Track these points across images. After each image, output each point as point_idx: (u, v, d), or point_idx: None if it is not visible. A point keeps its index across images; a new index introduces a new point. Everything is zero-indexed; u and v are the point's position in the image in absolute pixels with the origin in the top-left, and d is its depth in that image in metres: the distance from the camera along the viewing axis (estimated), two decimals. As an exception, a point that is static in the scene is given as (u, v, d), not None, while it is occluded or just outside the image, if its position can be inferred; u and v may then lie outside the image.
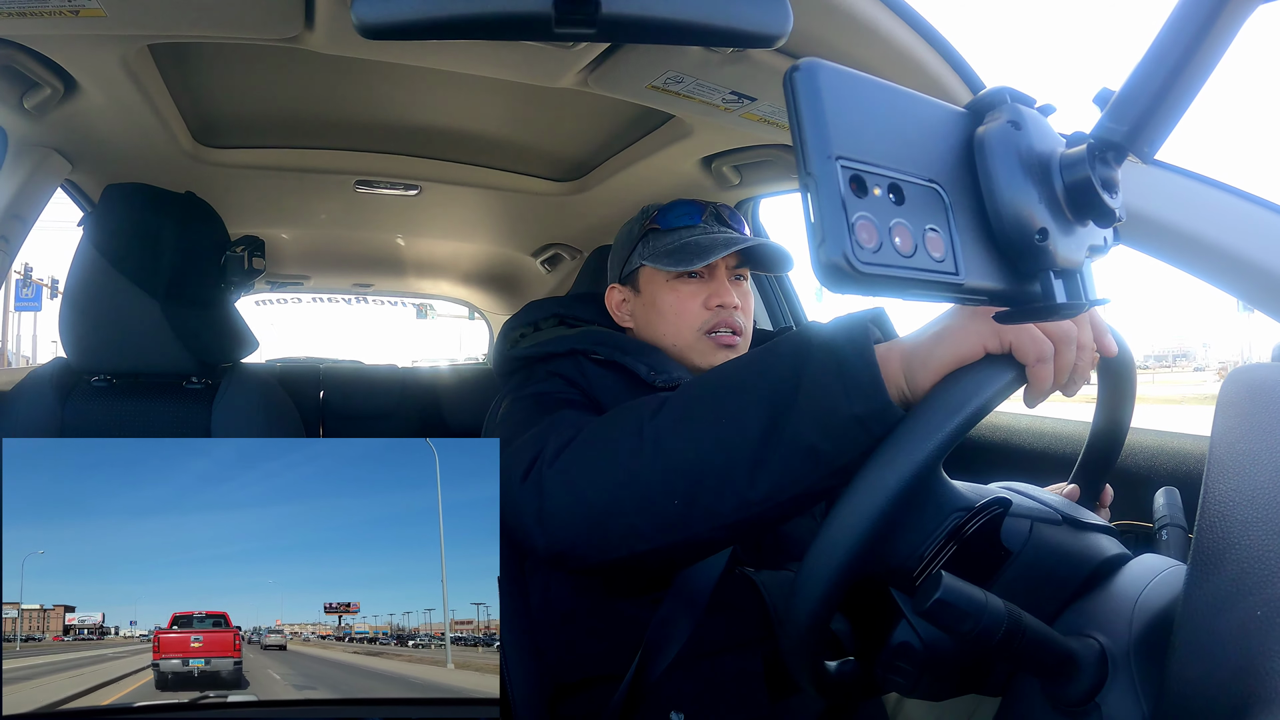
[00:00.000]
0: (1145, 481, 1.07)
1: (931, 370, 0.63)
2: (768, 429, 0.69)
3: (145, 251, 1.41)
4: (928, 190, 0.44)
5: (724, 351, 1.21)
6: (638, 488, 0.77)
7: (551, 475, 0.84)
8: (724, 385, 0.76)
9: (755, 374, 0.73)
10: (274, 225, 2.27)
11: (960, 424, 0.58)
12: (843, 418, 0.64)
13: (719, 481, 0.72)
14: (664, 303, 1.24)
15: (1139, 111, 0.45)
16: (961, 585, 0.53)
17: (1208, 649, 0.48)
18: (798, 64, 0.41)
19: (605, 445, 0.82)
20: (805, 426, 0.67)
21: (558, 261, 2.51)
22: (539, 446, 0.89)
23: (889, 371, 0.65)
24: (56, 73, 1.19)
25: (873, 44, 0.96)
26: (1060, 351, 0.61)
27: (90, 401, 1.42)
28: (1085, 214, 0.47)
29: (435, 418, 2.27)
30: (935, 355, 0.63)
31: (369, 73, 1.38)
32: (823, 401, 0.65)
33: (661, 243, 1.24)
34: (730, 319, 1.21)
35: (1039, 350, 0.60)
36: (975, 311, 0.62)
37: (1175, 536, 0.75)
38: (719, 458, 0.72)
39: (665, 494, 0.75)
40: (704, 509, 0.74)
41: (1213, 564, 0.49)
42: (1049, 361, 0.61)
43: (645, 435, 0.77)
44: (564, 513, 0.83)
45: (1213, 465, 0.53)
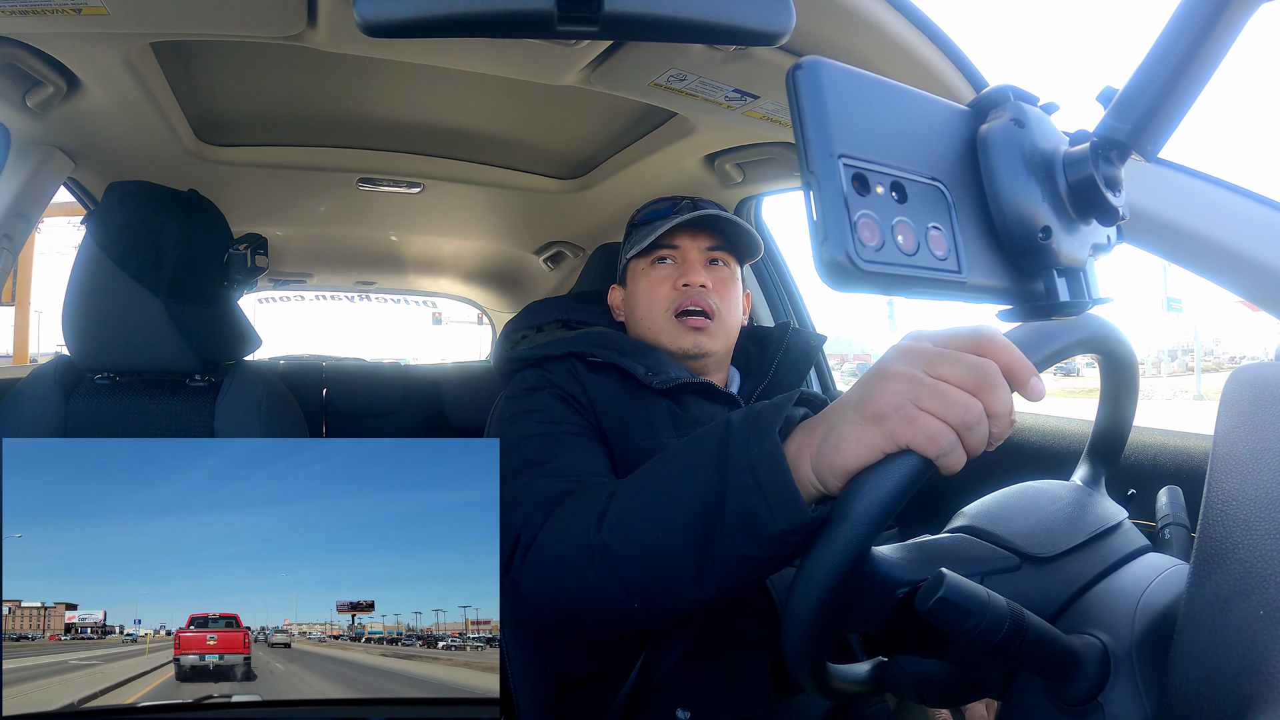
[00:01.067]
0: (1148, 480, 1.07)
1: (837, 476, 0.61)
2: (703, 541, 0.72)
3: (148, 249, 1.41)
4: (930, 188, 0.43)
5: (692, 334, 1.22)
6: (599, 596, 0.82)
7: (524, 577, 0.90)
8: (657, 495, 0.79)
9: (683, 484, 0.75)
10: (277, 223, 2.27)
11: (871, 526, 0.57)
12: (770, 532, 0.66)
13: (670, 586, 0.76)
14: (639, 289, 1.28)
15: (1142, 110, 0.45)
16: (964, 583, 0.53)
17: (1210, 648, 0.48)
18: (800, 62, 0.41)
19: (563, 555, 0.86)
20: (737, 539, 0.69)
21: (560, 259, 2.51)
22: (514, 536, 0.93)
23: (803, 475, 0.64)
24: (59, 71, 1.19)
25: (876, 42, 0.96)
26: (966, 435, 0.56)
27: (93, 399, 1.43)
28: (1088, 212, 0.47)
29: (438, 415, 2.27)
30: (836, 464, 0.60)
31: (371, 71, 1.38)
32: (748, 518, 0.67)
33: (638, 236, 1.28)
34: (698, 297, 1.22)
35: (938, 447, 0.55)
36: (867, 415, 0.59)
37: (1178, 535, 0.75)
38: (665, 568, 0.76)
39: (625, 600, 0.80)
40: (662, 606, 0.79)
41: (1215, 563, 0.49)
42: (953, 452, 0.56)
43: (595, 549, 0.81)
44: (543, 609, 0.89)
45: (1216, 464, 0.53)
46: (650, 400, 1.15)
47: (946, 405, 0.56)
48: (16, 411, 1.38)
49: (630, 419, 1.13)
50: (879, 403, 0.58)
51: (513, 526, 0.93)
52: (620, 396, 1.15)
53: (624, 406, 1.14)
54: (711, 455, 0.72)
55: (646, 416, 1.14)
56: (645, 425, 1.13)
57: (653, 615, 0.81)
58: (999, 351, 0.57)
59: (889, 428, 0.57)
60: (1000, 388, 0.56)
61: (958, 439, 0.56)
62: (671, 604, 0.78)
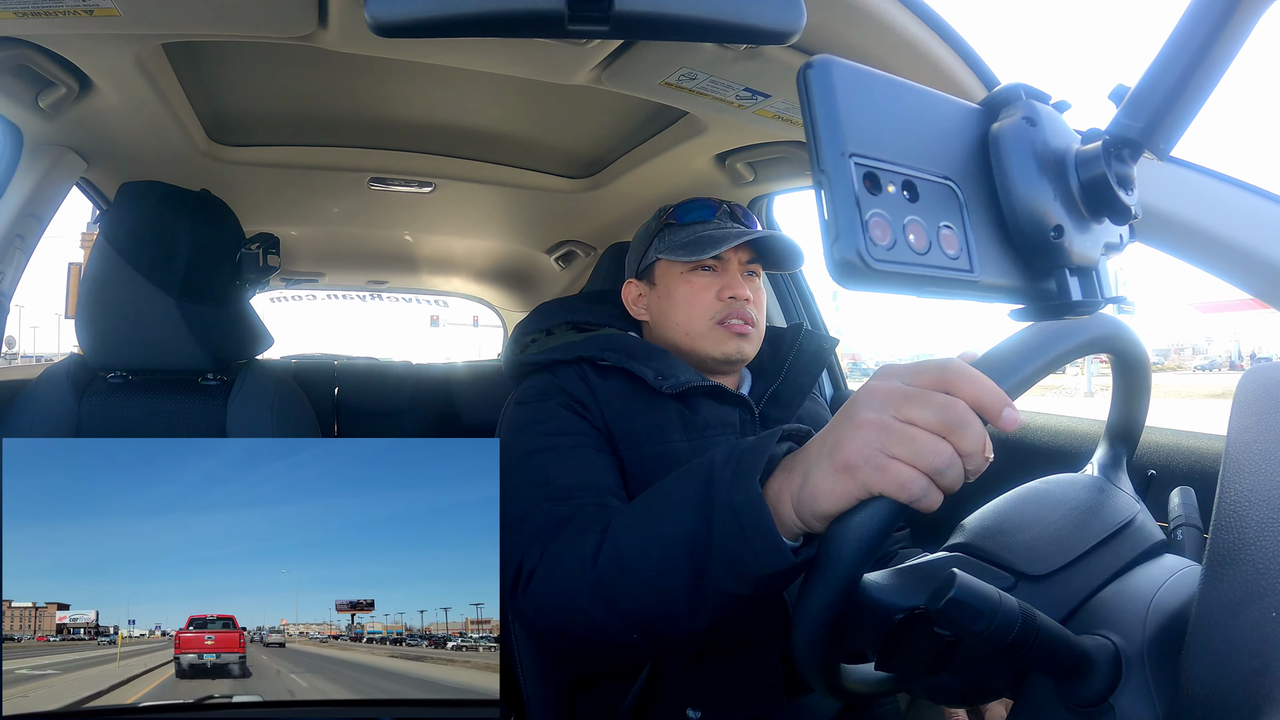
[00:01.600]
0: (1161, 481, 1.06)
1: (818, 520, 0.62)
2: (693, 581, 0.74)
3: (160, 249, 1.42)
4: (942, 187, 0.43)
5: (736, 340, 1.22)
6: (598, 629, 0.84)
7: (526, 606, 0.92)
8: (649, 534, 0.81)
9: (672, 524, 0.77)
10: (288, 222, 2.28)
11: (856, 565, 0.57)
12: (754, 574, 0.68)
13: (665, 620, 0.78)
14: (678, 294, 1.25)
15: (1154, 108, 0.45)
16: (976, 584, 0.53)
17: (1222, 650, 0.48)
18: (811, 61, 0.41)
19: (562, 588, 0.88)
20: (725, 579, 0.71)
21: (572, 259, 2.51)
22: (516, 564, 0.94)
23: (785, 517, 0.65)
24: (71, 72, 1.20)
25: (886, 40, 0.95)
26: (939, 478, 0.56)
27: (106, 398, 1.44)
28: (1101, 211, 0.47)
29: (450, 414, 2.27)
30: (815, 510, 0.61)
31: (382, 70, 1.38)
32: (734, 561, 0.69)
33: (677, 237, 1.26)
34: (742, 310, 1.22)
35: (910, 494, 0.55)
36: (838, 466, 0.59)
37: (1190, 536, 0.75)
38: (659, 604, 0.78)
39: (623, 633, 0.82)
40: (660, 638, 0.83)
41: (1228, 564, 0.49)
42: (929, 495, 0.56)
43: (591, 584, 0.83)
44: (546, 637, 0.93)
45: (1229, 464, 0.53)
46: (661, 404, 1.15)
47: (915, 452, 0.56)
48: (30, 410, 1.39)
49: (640, 423, 1.13)
50: (849, 453, 0.58)
51: (515, 552, 0.95)
52: (630, 400, 1.15)
53: (634, 410, 1.14)
54: (697, 496, 0.74)
55: (657, 420, 1.14)
56: (656, 429, 1.13)
57: (652, 646, 0.85)
58: (967, 387, 0.56)
59: (860, 477, 0.58)
60: (968, 426, 0.55)
61: (930, 483, 0.56)
62: (669, 636, 0.81)
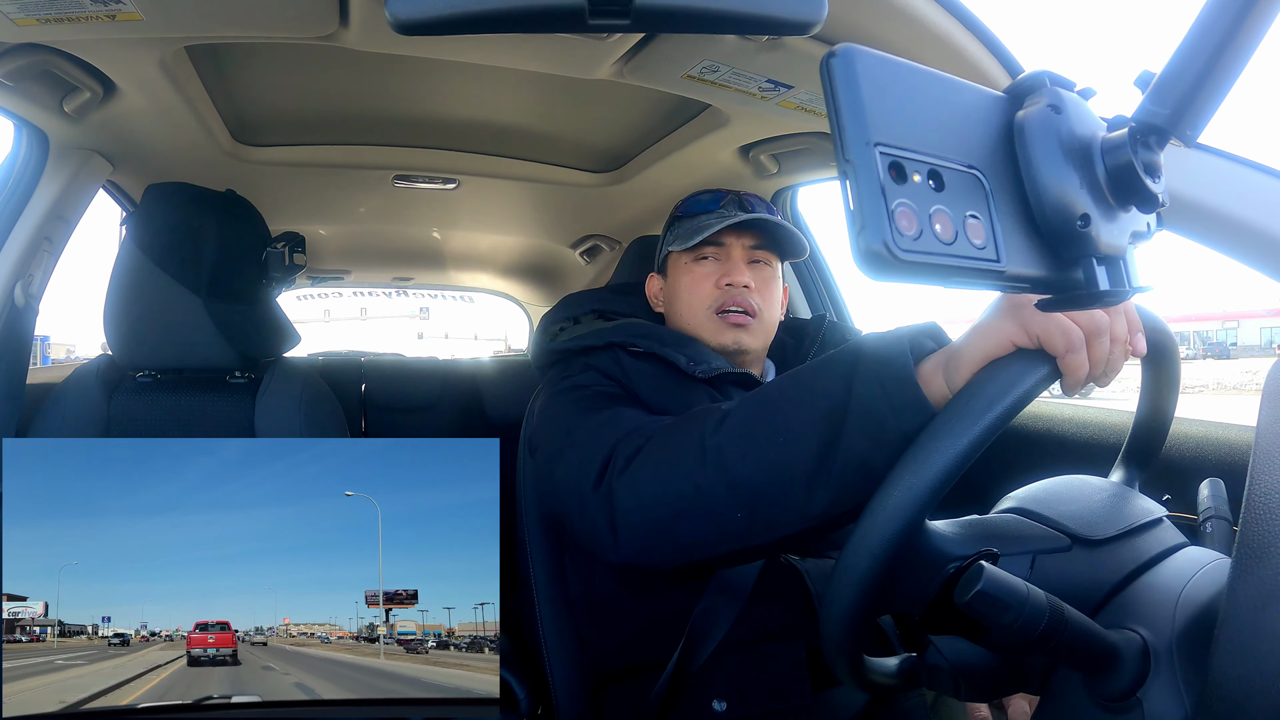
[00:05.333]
0: (1190, 472, 1.05)
1: (964, 369, 0.64)
2: (823, 447, 0.72)
3: (187, 249, 1.43)
4: (968, 176, 0.43)
5: (733, 330, 1.22)
6: (703, 502, 0.81)
7: (621, 486, 0.88)
8: (780, 403, 0.79)
9: (808, 393, 0.76)
10: (314, 221, 2.30)
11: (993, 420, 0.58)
12: (892, 434, 0.67)
13: (780, 497, 0.76)
14: (681, 284, 1.27)
15: (1181, 94, 0.44)
16: (1003, 577, 0.52)
17: (1252, 645, 0.47)
18: (834, 50, 0.41)
19: (671, 459, 0.85)
20: (858, 443, 0.69)
21: (597, 253, 2.51)
22: (608, 452, 0.92)
23: (931, 381, 0.67)
24: (95, 76, 1.21)
25: (909, 29, 0.95)
26: (1092, 344, 0.61)
27: (135, 397, 1.46)
28: (1128, 199, 0.46)
29: (476, 410, 2.28)
30: (965, 355, 0.64)
31: (405, 68, 1.39)
32: (872, 419, 0.68)
33: (682, 229, 1.27)
34: (740, 298, 1.22)
35: (1068, 341, 0.59)
36: (1006, 307, 0.62)
37: (1220, 529, 0.74)
38: (779, 475, 0.75)
39: (730, 508, 0.79)
40: (766, 521, 0.78)
41: (1258, 557, 0.49)
42: (1080, 352, 0.60)
43: (708, 451, 0.81)
44: (635, 523, 0.87)
45: (1259, 456, 0.52)
46: (692, 389, 1.14)
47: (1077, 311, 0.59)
48: (60, 409, 1.41)
49: (673, 407, 1.12)
50: (1016, 297, 0.61)
51: (602, 447, 0.94)
52: (663, 385, 1.14)
53: (666, 395, 1.14)
54: (841, 368, 0.73)
55: (689, 405, 1.13)
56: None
57: (753, 530, 0.80)
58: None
59: (1023, 316, 0.61)
60: (1122, 316, 0.63)
61: (1085, 342, 0.60)
62: (776, 519, 0.78)
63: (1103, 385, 0.65)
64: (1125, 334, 0.63)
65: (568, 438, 1.01)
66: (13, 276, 1.37)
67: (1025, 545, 0.64)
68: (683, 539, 0.85)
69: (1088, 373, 0.62)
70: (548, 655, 1.25)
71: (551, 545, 1.31)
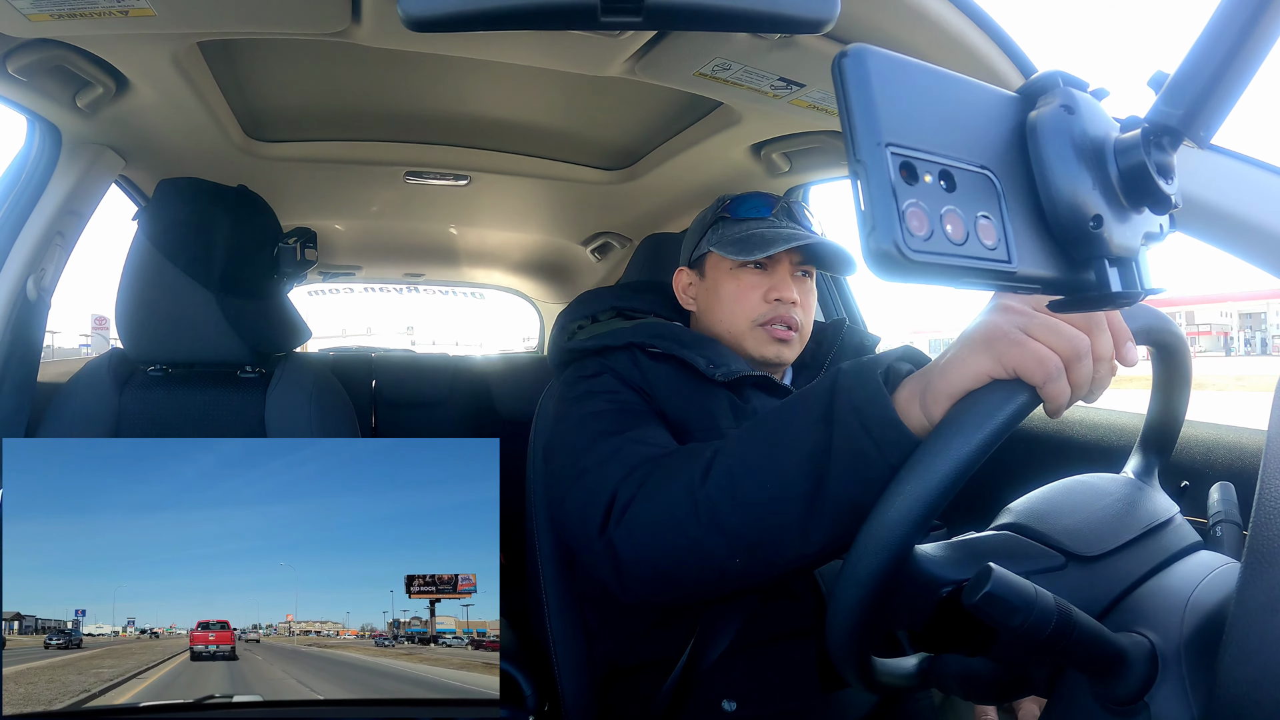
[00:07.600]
0: (1200, 476, 1.04)
1: (941, 401, 0.62)
2: (812, 490, 0.72)
3: (199, 244, 1.44)
4: (979, 177, 0.43)
5: (776, 345, 1.21)
6: (701, 552, 0.81)
7: (620, 539, 0.89)
8: (763, 446, 0.79)
9: (790, 434, 0.76)
10: (325, 217, 2.31)
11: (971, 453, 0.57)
12: (879, 470, 0.66)
13: (775, 541, 0.76)
14: (725, 290, 1.24)
15: (1194, 95, 0.44)
16: (1011, 579, 0.52)
17: (1260, 650, 0.47)
18: (846, 49, 0.41)
19: (665, 511, 0.85)
20: (846, 485, 0.69)
21: (608, 250, 2.52)
22: (609, 496, 0.93)
23: (909, 411, 0.65)
24: (108, 71, 1.22)
25: (922, 28, 0.95)
26: (1072, 368, 0.58)
27: (147, 391, 1.47)
28: (1140, 200, 0.46)
29: (486, 406, 2.29)
30: (941, 389, 0.62)
31: (416, 64, 1.39)
32: (857, 459, 0.68)
33: (730, 231, 1.24)
34: (787, 314, 1.20)
35: (1045, 372, 0.57)
36: (981, 337, 0.61)
37: (1230, 533, 0.74)
38: (771, 522, 0.75)
39: (728, 556, 0.80)
40: (765, 564, 0.79)
41: (1267, 562, 0.48)
42: (1059, 380, 0.58)
43: (699, 502, 0.81)
44: (639, 573, 0.89)
45: (1270, 460, 0.52)
46: (711, 392, 1.14)
47: (1056, 335, 0.58)
48: (72, 403, 1.42)
49: (690, 409, 1.13)
50: (989, 328, 0.60)
51: (604, 489, 0.93)
52: (681, 387, 1.14)
53: (684, 397, 1.13)
54: (818, 406, 0.73)
55: (709, 407, 1.13)
56: (706, 415, 1.12)
57: (753, 572, 0.80)
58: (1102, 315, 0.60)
59: (997, 349, 0.59)
60: (1105, 333, 0.60)
61: (1064, 369, 0.58)
62: (774, 559, 0.78)
63: (1089, 402, 0.63)
64: (1109, 350, 0.61)
65: (576, 466, 1.01)
66: (25, 270, 1.38)
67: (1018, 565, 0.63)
68: (685, 584, 0.86)
69: (1070, 397, 0.60)
70: (555, 651, 1.25)
71: (560, 541, 1.31)
